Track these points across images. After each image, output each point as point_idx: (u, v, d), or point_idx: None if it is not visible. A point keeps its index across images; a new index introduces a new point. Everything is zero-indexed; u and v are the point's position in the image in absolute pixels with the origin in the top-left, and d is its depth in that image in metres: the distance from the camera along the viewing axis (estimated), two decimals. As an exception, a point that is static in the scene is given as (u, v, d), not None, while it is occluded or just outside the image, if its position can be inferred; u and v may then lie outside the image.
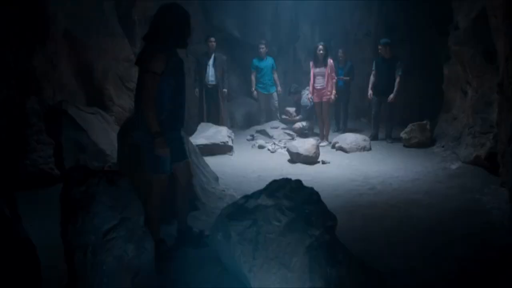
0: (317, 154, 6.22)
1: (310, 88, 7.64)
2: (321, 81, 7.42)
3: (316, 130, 8.21)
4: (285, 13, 10.12)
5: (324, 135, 7.68)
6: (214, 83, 7.93)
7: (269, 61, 8.81)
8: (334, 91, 7.37)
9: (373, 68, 7.78)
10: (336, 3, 10.17)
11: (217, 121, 7.85)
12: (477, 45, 5.95)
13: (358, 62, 10.42)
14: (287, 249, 2.47)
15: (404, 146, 7.26)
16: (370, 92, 7.75)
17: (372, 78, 7.79)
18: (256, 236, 2.53)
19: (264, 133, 8.09)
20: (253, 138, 7.91)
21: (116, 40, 6.84)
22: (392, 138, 7.63)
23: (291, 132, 8.09)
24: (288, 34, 10.30)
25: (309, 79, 7.72)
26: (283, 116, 8.62)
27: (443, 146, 6.82)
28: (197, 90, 8.01)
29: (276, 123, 8.47)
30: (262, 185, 5.17)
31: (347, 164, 6.19)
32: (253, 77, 8.77)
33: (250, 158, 6.65)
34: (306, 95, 8.14)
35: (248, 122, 9.32)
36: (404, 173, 5.69)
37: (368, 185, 5.16)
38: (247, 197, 2.72)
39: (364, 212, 4.31)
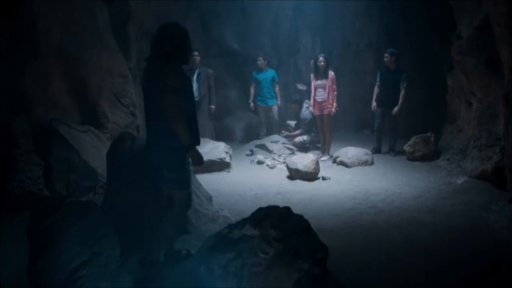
0: (316, 170, 6.01)
1: (311, 100, 7.46)
2: (322, 94, 7.23)
3: (319, 144, 8.01)
4: (285, 24, 9.98)
5: (325, 149, 7.47)
6: (196, 99, 6.97)
7: (268, 74, 8.66)
8: (335, 104, 7.16)
9: (377, 79, 7.59)
10: (337, 13, 10.05)
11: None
12: (481, 54, 5.74)
13: (361, 73, 10.27)
14: (274, 284, 2.26)
15: (408, 159, 7.04)
16: (374, 103, 7.55)
17: (376, 90, 7.60)
18: (241, 270, 2.32)
19: (263, 147, 7.89)
20: (252, 153, 7.72)
21: (111, 55, 6.71)
22: (395, 151, 7.41)
23: (291, 147, 7.89)
24: (288, 46, 10.15)
25: (310, 91, 7.54)
26: (283, 132, 8.42)
27: (448, 159, 6.59)
28: None
29: (276, 137, 8.27)
30: (258, 204, 4.99)
31: (348, 180, 5.97)
32: (252, 90, 8.64)
33: (248, 174, 6.45)
34: (306, 108, 7.95)
35: (248, 136, 9.12)
36: (407, 189, 5.46)
37: (369, 203, 4.94)
38: (231, 227, 2.52)
39: (364, 233, 4.09)
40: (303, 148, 7.97)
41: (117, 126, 6.80)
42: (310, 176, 5.95)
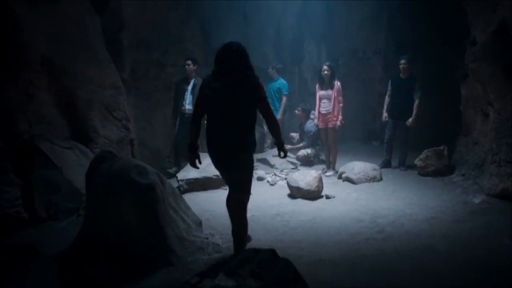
0: (320, 187, 5.55)
1: (316, 112, 7.01)
2: (326, 105, 6.78)
3: (322, 157, 7.56)
4: (288, 31, 9.59)
5: (330, 163, 7.01)
6: (191, 112, 6.98)
7: (274, 84, 8.26)
8: (340, 117, 6.69)
9: (389, 88, 7.15)
10: (343, 20, 9.65)
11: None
12: (497, 61, 5.29)
13: (369, 81, 9.83)
14: None
15: (419, 174, 6.56)
16: (385, 114, 7.09)
17: (387, 99, 7.15)
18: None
19: (265, 162, 7.45)
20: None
21: (102, 66, 6.34)
22: (405, 166, 6.92)
23: (294, 161, 7.44)
24: (292, 54, 9.74)
25: (316, 102, 7.10)
26: (287, 146, 7.96)
27: (463, 175, 6.09)
28: (174, 120, 7.26)
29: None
30: (254, 228, 4.56)
31: (354, 199, 5.49)
32: None
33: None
34: (311, 120, 7.51)
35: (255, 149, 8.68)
36: (418, 209, 4.97)
37: (376, 226, 4.46)
38: (202, 275, 2.09)
39: (370, 265, 3.61)
40: (307, 162, 7.52)
41: (108, 140, 6.43)
42: (313, 194, 5.49)
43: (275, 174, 6.72)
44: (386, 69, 9.25)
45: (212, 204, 5.42)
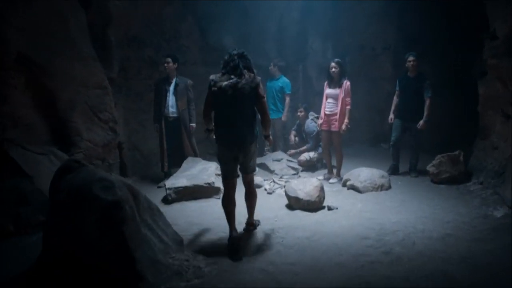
0: (321, 197, 5.00)
1: (322, 112, 6.41)
2: (331, 105, 6.19)
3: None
4: (291, 27, 9.01)
5: (332, 169, 6.45)
6: (175, 115, 6.31)
7: (276, 83, 7.73)
8: (347, 120, 6.07)
9: (397, 88, 6.56)
10: (350, 14, 9.06)
11: (180, 164, 6.34)
12: (522, 57, 4.69)
13: (377, 79, 9.24)
14: None
15: (432, 181, 5.98)
16: (391, 115, 6.52)
17: (395, 99, 6.58)
18: None
19: (264, 167, 6.91)
20: (250, 173, 6.73)
21: (86, 64, 5.85)
22: (417, 172, 6.34)
23: (296, 166, 6.89)
24: (295, 51, 9.17)
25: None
26: (289, 151, 7.41)
27: (481, 183, 5.50)
28: (156, 125, 6.46)
29: (279, 154, 7.28)
30: (246, 246, 4.03)
31: (359, 211, 4.93)
32: None
33: (241, 202, 5.44)
34: (312, 120, 6.96)
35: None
36: (431, 224, 4.40)
37: (383, 245, 3.90)
38: None
39: (374, 296, 3.07)
40: (310, 167, 6.97)
41: (93, 144, 5.96)
42: (313, 205, 4.95)
43: (273, 181, 6.18)
44: (395, 67, 8.66)
45: (201, 216, 4.91)
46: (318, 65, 9.21)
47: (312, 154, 6.93)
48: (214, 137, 4.21)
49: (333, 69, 6.14)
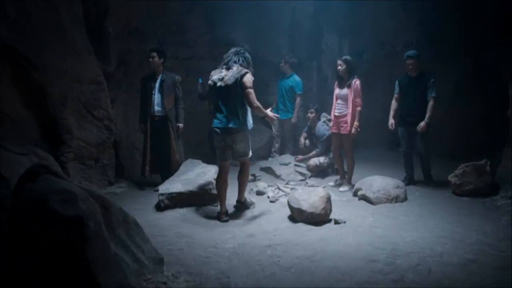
0: (327, 210, 4.49)
1: (332, 114, 5.94)
2: (340, 107, 5.72)
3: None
4: (305, 22, 8.47)
5: (344, 175, 5.92)
6: (160, 114, 5.83)
7: (286, 81, 7.23)
8: (356, 123, 5.57)
9: (396, 91, 5.98)
10: (368, 9, 8.46)
11: (166, 167, 5.90)
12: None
13: (396, 78, 8.63)
14: None
15: (454, 193, 5.40)
16: (391, 121, 5.93)
17: (394, 103, 6.00)
18: None
19: (269, 171, 6.43)
20: (254, 178, 6.27)
21: (79, 58, 5.49)
22: (433, 180, 5.75)
23: (304, 171, 6.39)
24: (309, 47, 8.63)
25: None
26: (296, 157, 6.88)
27: (510, 197, 4.90)
28: (142, 126, 5.99)
29: (287, 157, 6.79)
30: (234, 265, 3.53)
31: (369, 226, 4.40)
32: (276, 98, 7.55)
33: (240, 211, 5.00)
34: (323, 123, 6.44)
35: (260, 154, 7.69)
36: (451, 246, 3.84)
37: (394, 271, 3.37)
38: None
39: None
40: (319, 172, 6.45)
41: (85, 143, 5.59)
42: (318, 218, 4.44)
43: (278, 188, 5.69)
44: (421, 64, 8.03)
45: (193, 226, 4.46)
46: (334, 63, 8.55)
47: (322, 159, 6.41)
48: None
49: (339, 67, 5.68)
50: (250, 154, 4.85)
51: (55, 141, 5.35)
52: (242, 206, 4.96)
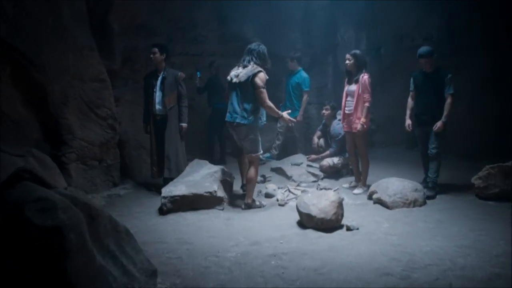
0: (338, 215, 4.18)
1: (342, 112, 5.64)
2: (350, 103, 5.41)
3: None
4: (319, 14, 8.12)
5: (360, 177, 5.59)
6: (162, 113, 5.54)
7: (293, 78, 6.93)
8: (363, 119, 5.22)
9: (411, 88, 5.54)
10: (387, 1, 8.03)
11: (164, 169, 5.57)
12: None
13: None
14: None
15: (478, 197, 5.02)
16: (408, 121, 5.48)
17: (410, 102, 5.56)
18: None
19: (280, 172, 6.14)
20: (264, 179, 5.99)
21: (81, 55, 5.30)
22: (435, 189, 5.27)
23: (317, 172, 6.07)
24: (324, 41, 8.28)
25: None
26: (308, 156, 6.55)
27: (540, 202, 4.49)
28: (145, 125, 5.77)
29: (299, 157, 6.49)
30: (235, 277, 3.27)
31: (384, 233, 4.07)
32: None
33: (245, 215, 4.73)
34: (339, 121, 6.11)
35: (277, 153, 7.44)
36: (475, 258, 3.48)
37: (409, 286, 3.05)
38: None
39: None
40: (333, 173, 6.13)
41: (87, 143, 5.40)
42: (328, 224, 4.14)
43: (288, 190, 5.39)
44: (438, 59, 7.60)
45: (196, 232, 4.20)
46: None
47: (336, 160, 6.08)
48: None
49: (347, 61, 5.38)
50: (260, 151, 4.89)
51: (56, 141, 5.18)
52: (248, 208, 4.91)
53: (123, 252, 2.95)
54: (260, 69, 4.67)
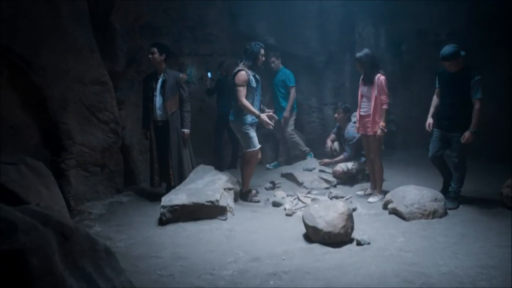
0: (347, 228, 3.82)
1: (357, 114, 5.27)
2: (365, 105, 5.05)
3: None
4: (335, 10, 7.70)
5: (375, 184, 5.20)
6: (163, 118, 5.22)
7: (276, 78, 6.72)
8: (382, 123, 4.85)
9: (437, 85, 4.96)
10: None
11: (165, 177, 5.33)
12: None
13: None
14: None
15: (506, 207, 4.55)
16: (429, 120, 4.94)
17: (435, 99, 5.00)
18: None
19: (291, 177, 5.80)
20: (273, 186, 5.67)
21: (81, 56, 5.10)
22: (457, 200, 4.74)
23: (330, 178, 5.70)
24: (340, 38, 7.87)
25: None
26: (321, 161, 6.17)
27: None
28: (144, 130, 5.43)
29: (312, 162, 6.13)
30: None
31: (398, 250, 3.69)
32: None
33: (248, 226, 4.41)
34: (353, 124, 5.73)
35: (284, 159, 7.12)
36: (501, 280, 3.07)
37: (423, 316, 2.68)
38: None
39: None
40: (347, 179, 5.75)
41: (88, 149, 5.20)
42: (336, 238, 3.79)
43: (298, 198, 5.05)
44: (465, 56, 7.09)
45: (194, 245, 3.92)
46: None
47: (350, 165, 5.70)
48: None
49: (357, 62, 5.03)
50: (253, 148, 5.01)
51: (55, 147, 4.99)
52: (244, 197, 5.20)
53: (101, 274, 2.68)
54: (241, 68, 4.88)
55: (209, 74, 6.84)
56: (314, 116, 8.06)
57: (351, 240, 3.88)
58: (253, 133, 5.03)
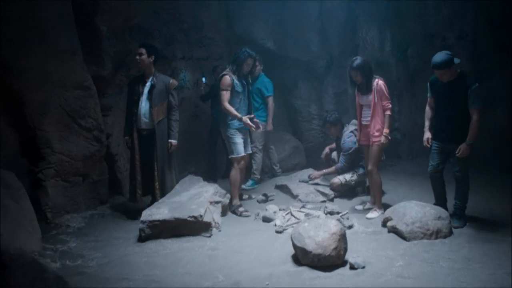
0: (340, 250, 3.46)
1: (358, 124, 4.92)
2: (367, 114, 4.67)
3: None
4: (337, 12, 7.37)
5: (376, 199, 4.82)
6: (148, 127, 4.79)
7: (253, 86, 5.91)
8: (387, 130, 4.51)
9: (429, 95, 4.51)
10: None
11: (150, 191, 4.93)
12: None
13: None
14: None
15: (520, 228, 4.14)
16: (427, 135, 4.46)
17: (427, 111, 4.54)
18: None
19: (285, 190, 5.45)
20: (266, 199, 5.32)
21: (62, 60, 4.80)
22: (463, 219, 4.31)
23: (326, 191, 5.34)
24: (342, 42, 7.53)
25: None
26: (310, 175, 5.69)
27: None
28: (126, 138, 4.95)
29: (308, 173, 5.75)
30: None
31: (395, 276, 3.31)
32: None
33: (234, 244, 4.06)
34: (351, 133, 5.36)
35: (286, 166, 6.77)
36: (511, 316, 2.69)
37: None
38: None
39: None
40: (346, 192, 5.38)
41: (68, 158, 4.91)
42: (327, 262, 3.43)
43: (290, 213, 4.68)
44: (474, 60, 6.72)
45: (171, 266, 3.59)
46: (373, 60, 7.47)
47: (348, 176, 5.33)
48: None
49: (353, 72, 4.64)
50: (236, 155, 4.87)
51: (33, 155, 4.71)
52: (234, 210, 4.98)
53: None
54: (225, 72, 4.88)
55: (203, 79, 6.53)
56: (314, 124, 7.72)
57: (343, 263, 3.51)
58: (237, 139, 4.86)
